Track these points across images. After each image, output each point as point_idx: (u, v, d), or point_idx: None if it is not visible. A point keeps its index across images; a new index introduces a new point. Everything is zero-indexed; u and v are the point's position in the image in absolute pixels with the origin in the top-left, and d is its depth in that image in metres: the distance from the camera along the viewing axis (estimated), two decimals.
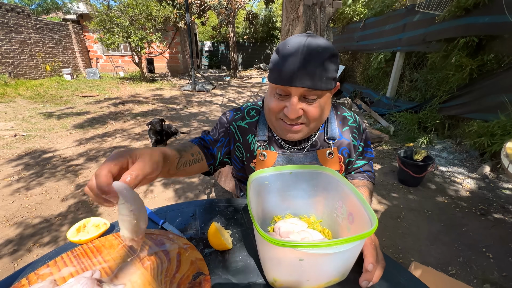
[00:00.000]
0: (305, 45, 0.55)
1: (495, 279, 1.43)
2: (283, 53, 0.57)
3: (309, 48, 0.55)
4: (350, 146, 0.74)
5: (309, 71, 0.54)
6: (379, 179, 2.55)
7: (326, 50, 0.55)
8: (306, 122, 0.62)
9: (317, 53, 0.55)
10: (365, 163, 0.80)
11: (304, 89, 0.56)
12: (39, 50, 7.89)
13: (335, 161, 0.71)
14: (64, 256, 0.51)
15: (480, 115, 2.92)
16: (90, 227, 0.56)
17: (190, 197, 2.20)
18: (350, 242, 0.35)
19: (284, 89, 0.58)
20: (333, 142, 0.72)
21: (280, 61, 0.57)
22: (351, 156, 0.75)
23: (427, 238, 1.76)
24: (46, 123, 4.07)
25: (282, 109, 0.61)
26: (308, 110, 0.60)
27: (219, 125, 0.77)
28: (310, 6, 2.23)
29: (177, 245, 0.54)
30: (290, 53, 0.55)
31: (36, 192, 2.18)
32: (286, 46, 0.57)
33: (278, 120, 0.64)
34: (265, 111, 0.68)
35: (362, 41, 5.58)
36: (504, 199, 2.21)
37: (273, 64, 0.59)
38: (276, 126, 0.66)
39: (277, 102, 0.61)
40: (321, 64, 0.55)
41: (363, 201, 0.44)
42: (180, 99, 6.43)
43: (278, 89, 0.59)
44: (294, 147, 0.72)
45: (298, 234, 0.48)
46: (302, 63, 0.54)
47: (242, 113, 0.76)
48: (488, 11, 2.79)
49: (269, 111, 0.64)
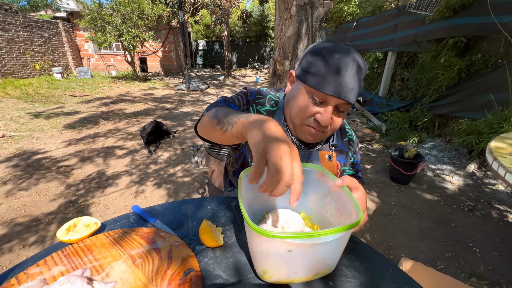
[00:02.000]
0: (355, 60, 0.56)
1: (481, 273, 1.48)
2: (332, 62, 0.56)
3: (358, 64, 0.57)
4: (347, 156, 0.79)
5: (354, 87, 0.57)
6: (371, 177, 2.60)
7: (365, 68, 0.59)
8: (326, 130, 0.63)
9: (360, 70, 0.57)
10: (354, 173, 0.84)
11: (342, 101, 0.58)
12: (28, 48, 7.70)
13: (333, 166, 0.74)
14: (54, 255, 0.51)
15: (468, 114, 3.00)
16: (81, 226, 0.56)
17: (182, 197, 2.20)
18: (336, 233, 0.37)
19: (324, 97, 0.58)
20: (335, 149, 0.76)
21: (328, 68, 0.56)
22: (346, 165, 0.79)
23: (417, 234, 1.80)
24: (35, 123, 3.98)
25: (314, 114, 0.61)
26: (334, 120, 0.62)
27: (243, 98, 0.73)
28: (302, 6, 2.25)
29: (169, 243, 0.55)
30: (341, 64, 0.55)
31: (25, 194, 2.14)
32: (334, 54, 0.56)
33: (303, 125, 0.64)
34: (291, 111, 0.66)
35: (355, 41, 5.64)
36: (490, 195, 2.28)
37: (316, 68, 0.58)
38: (300, 129, 0.66)
39: (311, 107, 0.60)
40: (362, 82, 0.58)
41: (349, 195, 0.46)
42: (174, 98, 6.38)
43: (316, 95, 0.59)
44: (304, 146, 0.73)
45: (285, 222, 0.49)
46: (352, 78, 0.56)
47: (264, 98, 0.74)
48: (475, 13, 2.86)
49: (299, 114, 0.63)
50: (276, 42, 2.63)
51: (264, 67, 15.32)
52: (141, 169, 2.65)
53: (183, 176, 2.53)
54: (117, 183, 2.36)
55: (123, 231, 0.58)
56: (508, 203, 2.15)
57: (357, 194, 0.49)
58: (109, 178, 2.44)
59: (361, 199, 0.49)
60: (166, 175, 2.55)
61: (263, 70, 14.59)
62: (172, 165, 2.77)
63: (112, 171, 2.58)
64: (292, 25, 2.37)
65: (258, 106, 0.73)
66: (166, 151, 3.14)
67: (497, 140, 1.24)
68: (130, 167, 2.69)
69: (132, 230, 0.58)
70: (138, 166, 2.70)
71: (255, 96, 0.74)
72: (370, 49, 4.99)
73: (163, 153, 3.08)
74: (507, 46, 2.64)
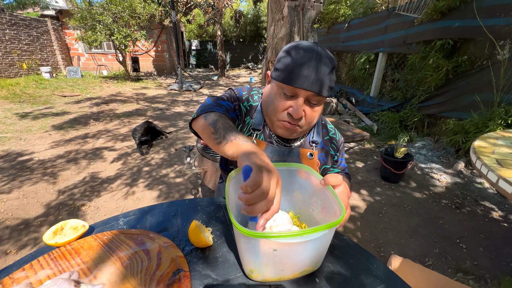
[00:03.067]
0: (318, 53, 0.60)
1: (467, 268, 1.53)
2: (296, 56, 0.60)
3: (321, 57, 0.60)
4: (328, 154, 0.80)
5: (319, 78, 0.59)
6: (362, 176, 2.64)
7: (332, 61, 0.62)
8: (301, 124, 0.66)
9: (326, 62, 0.60)
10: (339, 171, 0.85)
11: (311, 93, 0.60)
12: (15, 47, 7.49)
13: (314, 163, 0.75)
14: (41, 259, 0.50)
15: (455, 114, 3.09)
16: (68, 229, 0.56)
17: (175, 198, 2.18)
18: (320, 231, 0.38)
19: (293, 90, 0.61)
20: (315, 146, 0.77)
21: (293, 63, 0.60)
22: (327, 163, 0.80)
23: (406, 231, 1.84)
24: (22, 124, 3.88)
25: (287, 108, 0.64)
26: (308, 113, 0.64)
27: (232, 98, 0.77)
28: (294, 8, 2.27)
29: (158, 244, 0.55)
30: (304, 58, 0.59)
31: (13, 197, 2.08)
32: (299, 50, 0.61)
33: (279, 120, 0.67)
34: (268, 109, 0.69)
35: (347, 42, 5.72)
36: (476, 193, 2.35)
37: (284, 64, 0.62)
38: (276, 124, 0.69)
39: (283, 102, 0.64)
40: (328, 73, 0.61)
41: (334, 195, 0.47)
42: (166, 98, 6.32)
43: (286, 89, 0.62)
44: (283, 141, 0.75)
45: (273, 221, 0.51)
46: (314, 69, 0.59)
47: (248, 94, 0.79)
48: (461, 16, 2.95)
49: (273, 110, 0.67)
50: (268, 42, 2.64)
51: (257, 67, 15.34)
52: (133, 170, 2.62)
53: (176, 177, 2.51)
54: (109, 185, 2.33)
55: (112, 233, 0.58)
56: (493, 200, 2.23)
57: (339, 189, 0.51)
58: (100, 180, 2.41)
59: (343, 194, 0.51)
60: (158, 176, 2.53)
61: (256, 70, 14.61)
62: (164, 166, 2.75)
63: (103, 173, 2.54)
64: (284, 26, 2.39)
65: (244, 103, 0.77)
66: (159, 152, 3.11)
67: (480, 140, 1.28)
68: (122, 168, 2.65)
69: (121, 232, 0.58)
70: (130, 167, 2.67)
71: (242, 94, 0.79)
72: (361, 50, 5.07)
73: (156, 154, 3.05)
74: (492, 48, 2.73)
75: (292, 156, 0.74)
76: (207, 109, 0.67)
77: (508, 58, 2.56)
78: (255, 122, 0.74)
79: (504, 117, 2.43)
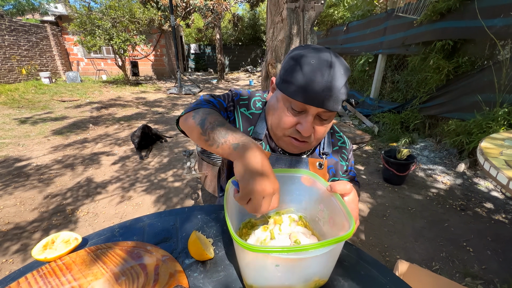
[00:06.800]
0: (332, 64, 0.53)
1: (475, 272, 1.49)
2: (307, 69, 0.52)
3: (335, 70, 0.52)
4: (337, 166, 0.75)
5: (333, 94, 0.53)
6: (365, 179, 2.61)
7: (347, 72, 0.55)
8: (309, 140, 0.61)
9: (341, 75, 0.53)
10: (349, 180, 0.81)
11: (323, 110, 0.55)
12: (14, 53, 7.50)
13: (323, 174, 0.71)
14: (29, 276, 0.47)
15: (457, 115, 3.06)
16: (59, 243, 0.52)
17: (175, 202, 2.15)
18: (326, 246, 0.34)
19: (302, 106, 0.55)
20: (325, 157, 0.72)
21: (304, 77, 0.52)
22: (336, 175, 0.75)
23: (411, 235, 1.80)
24: (21, 129, 3.85)
25: (294, 125, 0.58)
26: (317, 130, 0.59)
27: (228, 96, 0.73)
28: (294, 10, 2.25)
29: (156, 258, 0.51)
30: (316, 71, 0.52)
31: (9, 204, 2.05)
32: (310, 60, 0.53)
33: (285, 136, 0.61)
34: (272, 122, 0.63)
35: (346, 44, 5.72)
36: (481, 194, 2.31)
37: (292, 77, 0.54)
38: (282, 140, 0.64)
39: (291, 118, 0.58)
40: (342, 88, 0.54)
41: (342, 204, 0.44)
42: (166, 102, 6.30)
43: (294, 104, 0.56)
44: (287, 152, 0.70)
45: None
46: (329, 86, 0.52)
47: (248, 101, 0.72)
48: (461, 16, 2.94)
49: (278, 126, 0.61)
50: (268, 45, 2.63)
51: (256, 70, 15.37)
52: (132, 175, 2.58)
53: (175, 181, 2.47)
54: (107, 190, 2.29)
55: (106, 246, 0.54)
56: (498, 202, 2.19)
57: (348, 198, 0.48)
58: (98, 185, 2.37)
59: (352, 203, 0.47)
60: (157, 180, 2.49)
61: (255, 73, 14.63)
62: (164, 170, 2.71)
63: (101, 178, 2.50)
64: (284, 28, 2.37)
65: (242, 108, 0.71)
66: (158, 156, 3.08)
67: (487, 141, 1.25)
68: (121, 173, 2.62)
69: (115, 245, 0.55)
70: (128, 172, 2.64)
71: (239, 98, 0.73)
72: (360, 52, 5.06)
73: (155, 158, 3.02)
74: (492, 48, 2.71)
75: (300, 167, 0.69)
76: (195, 105, 0.64)
77: (509, 58, 2.54)
78: (257, 131, 0.69)
79: (507, 118, 2.41)
